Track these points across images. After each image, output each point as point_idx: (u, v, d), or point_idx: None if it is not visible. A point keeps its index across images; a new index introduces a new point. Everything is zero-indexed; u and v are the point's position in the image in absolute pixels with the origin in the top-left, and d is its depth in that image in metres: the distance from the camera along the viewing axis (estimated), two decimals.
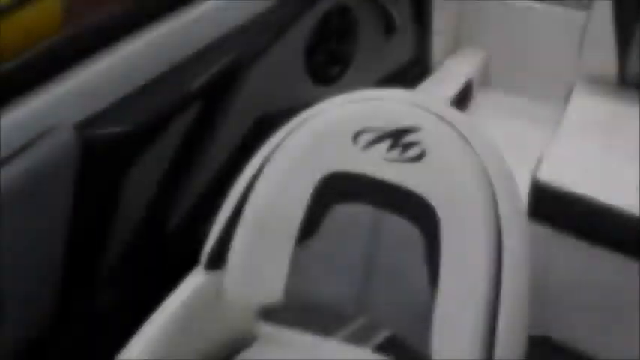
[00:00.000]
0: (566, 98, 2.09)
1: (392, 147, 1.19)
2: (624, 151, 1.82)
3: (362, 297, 1.27)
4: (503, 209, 1.12)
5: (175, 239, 1.59)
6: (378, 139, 1.20)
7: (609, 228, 1.69)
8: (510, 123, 2.34)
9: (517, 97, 2.47)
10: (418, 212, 1.19)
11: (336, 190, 1.25)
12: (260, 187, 1.28)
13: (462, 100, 2.39)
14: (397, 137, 1.19)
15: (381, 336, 1.99)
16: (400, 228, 1.21)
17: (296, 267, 1.31)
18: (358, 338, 1.55)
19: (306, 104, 1.29)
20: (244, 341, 1.42)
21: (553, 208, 1.76)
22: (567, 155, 1.84)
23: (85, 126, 1.35)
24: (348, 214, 1.26)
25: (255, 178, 1.29)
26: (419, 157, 1.18)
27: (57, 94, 1.32)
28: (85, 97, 1.37)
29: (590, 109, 2.03)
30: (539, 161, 1.81)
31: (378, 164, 1.21)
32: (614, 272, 1.75)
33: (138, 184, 1.45)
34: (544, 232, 1.80)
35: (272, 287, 1.33)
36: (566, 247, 1.80)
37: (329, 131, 1.24)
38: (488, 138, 1.18)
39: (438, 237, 1.17)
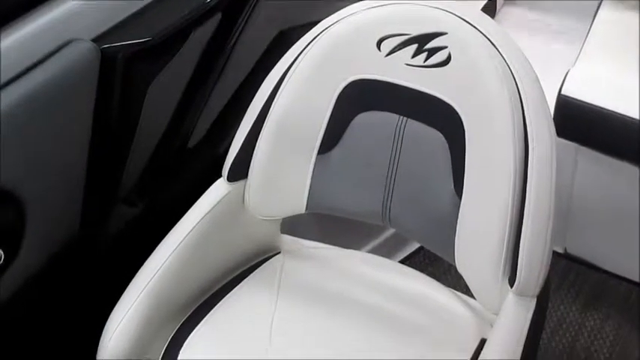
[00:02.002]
0: (594, 14, 2.05)
1: (417, 52, 1.17)
2: None
3: (386, 206, 1.26)
4: (531, 115, 1.10)
5: (197, 153, 1.59)
6: (403, 45, 1.17)
7: (634, 142, 1.67)
8: (536, 39, 2.29)
9: (543, 13, 2.41)
10: (443, 119, 1.17)
11: (360, 98, 1.24)
12: (282, 97, 1.27)
13: None
14: (422, 42, 1.16)
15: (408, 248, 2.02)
16: (424, 135, 1.20)
17: (319, 178, 1.30)
18: (385, 250, 1.56)
19: None
20: (268, 253, 1.42)
21: (578, 123, 1.74)
22: (593, 70, 1.81)
23: (103, 38, 1.33)
24: (371, 122, 1.24)
25: (276, 88, 1.27)
26: (444, 62, 1.15)
27: (74, 7, 1.30)
28: (102, 10, 1.35)
29: (617, 24, 1.98)
30: (565, 77, 1.78)
31: (403, 70, 1.18)
32: (637, 186, 1.74)
33: (158, 97, 1.43)
34: (569, 147, 1.78)
35: (294, 199, 1.32)
36: (591, 162, 1.79)
37: (351, 38, 1.22)
38: (515, 43, 1.15)
39: (463, 144, 1.15)
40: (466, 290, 1.36)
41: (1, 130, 1.14)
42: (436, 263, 1.94)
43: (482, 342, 1.22)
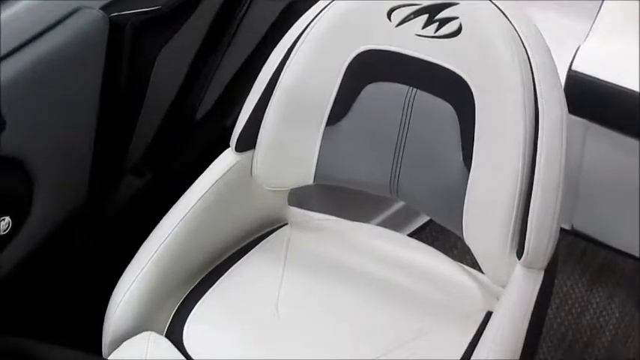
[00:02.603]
0: None
1: (427, 23, 1.16)
2: None
3: (394, 178, 1.26)
4: (541, 85, 1.09)
5: (205, 124, 1.58)
6: (413, 15, 1.16)
7: None
8: (547, 15, 2.27)
9: None
10: (453, 90, 1.16)
11: (369, 68, 1.23)
12: (290, 67, 1.26)
13: None
14: (433, 12, 1.15)
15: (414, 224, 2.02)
16: (434, 107, 1.19)
17: (327, 149, 1.29)
18: (390, 225, 1.55)
19: None
20: (275, 224, 1.42)
21: (588, 99, 1.73)
22: (604, 46, 1.79)
23: (112, 6, 1.32)
24: (380, 93, 1.23)
25: (285, 59, 1.26)
26: (455, 33, 1.14)
27: None
28: None
29: (628, 1, 1.97)
30: (576, 53, 1.77)
31: (413, 41, 1.17)
32: None
33: (167, 67, 1.43)
34: (578, 124, 1.77)
35: (302, 170, 1.32)
36: (600, 139, 1.78)
37: (361, 8, 1.21)
38: (526, 14, 1.14)
39: (473, 115, 1.14)
40: (472, 265, 1.36)
41: (9, 97, 1.13)
42: (442, 238, 1.94)
43: (489, 315, 1.21)
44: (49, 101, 1.23)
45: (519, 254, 1.11)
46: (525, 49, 1.09)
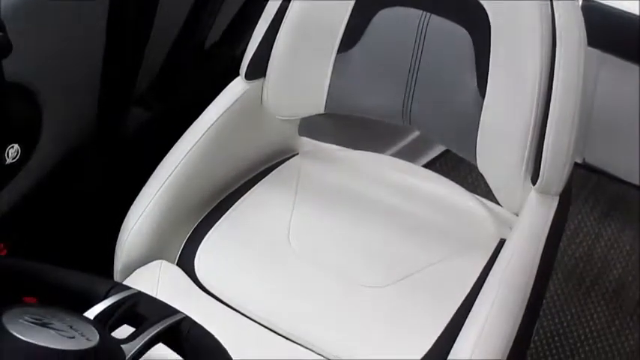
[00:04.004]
0: None
1: None
2: None
3: (407, 104, 1.24)
4: (561, 14, 1.06)
5: (214, 54, 1.56)
6: None
7: None
8: None
9: None
10: (468, 14, 1.14)
11: None
12: None
13: None
14: None
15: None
16: (448, 32, 1.16)
17: (338, 77, 1.27)
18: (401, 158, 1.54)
19: None
20: (286, 154, 1.41)
21: (603, 29, 1.70)
22: None
23: None
24: (393, 18, 1.21)
25: None
26: None
27: None
28: None
29: None
30: None
31: None
32: None
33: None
34: (592, 54, 1.74)
35: (313, 98, 1.30)
36: (614, 70, 1.76)
37: None
38: None
39: (488, 40, 1.12)
40: (485, 197, 1.35)
41: (14, 24, 1.11)
42: (454, 172, 1.93)
43: (502, 242, 1.21)
44: (55, 30, 1.21)
45: (534, 180, 1.10)
46: None
